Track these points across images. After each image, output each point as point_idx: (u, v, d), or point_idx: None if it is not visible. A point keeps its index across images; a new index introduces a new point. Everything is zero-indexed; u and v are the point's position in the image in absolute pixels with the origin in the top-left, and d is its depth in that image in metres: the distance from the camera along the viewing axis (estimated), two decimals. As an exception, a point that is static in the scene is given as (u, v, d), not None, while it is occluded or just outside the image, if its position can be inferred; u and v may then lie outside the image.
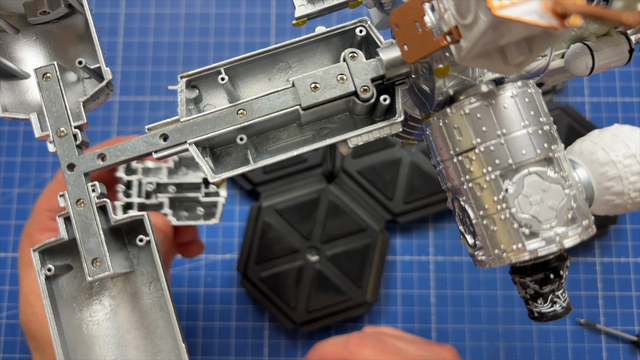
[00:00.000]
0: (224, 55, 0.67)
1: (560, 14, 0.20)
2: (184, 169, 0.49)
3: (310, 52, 0.31)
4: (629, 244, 0.61)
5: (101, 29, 0.65)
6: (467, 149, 0.28)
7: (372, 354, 0.47)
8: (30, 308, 0.43)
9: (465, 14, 0.22)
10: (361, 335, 0.49)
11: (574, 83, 0.66)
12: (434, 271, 0.62)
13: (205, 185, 0.48)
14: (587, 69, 0.33)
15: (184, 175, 0.49)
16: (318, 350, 0.50)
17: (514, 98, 0.27)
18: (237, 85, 0.31)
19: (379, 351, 0.47)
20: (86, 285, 0.31)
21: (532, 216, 0.26)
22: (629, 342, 0.59)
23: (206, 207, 0.49)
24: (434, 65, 0.27)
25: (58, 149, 0.29)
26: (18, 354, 0.61)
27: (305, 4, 0.32)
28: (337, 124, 0.31)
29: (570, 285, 0.61)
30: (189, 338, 0.60)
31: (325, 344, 0.50)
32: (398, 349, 0.49)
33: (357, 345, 0.48)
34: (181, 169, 0.49)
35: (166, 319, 0.30)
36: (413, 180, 0.61)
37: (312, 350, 0.51)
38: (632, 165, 0.29)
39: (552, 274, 0.28)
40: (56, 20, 0.33)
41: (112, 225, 0.29)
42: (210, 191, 0.48)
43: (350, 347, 0.48)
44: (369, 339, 0.49)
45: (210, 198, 0.48)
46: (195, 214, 0.49)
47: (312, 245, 0.60)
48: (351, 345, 0.48)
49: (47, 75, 0.29)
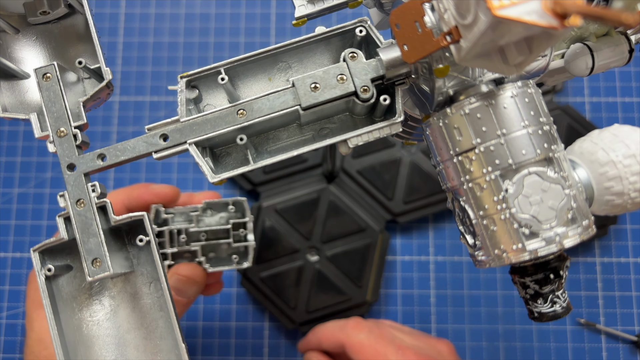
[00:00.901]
0: (224, 55, 0.67)
1: (560, 14, 0.20)
2: (209, 211, 0.51)
3: (310, 52, 0.31)
4: (629, 244, 0.61)
5: (101, 29, 0.65)
6: (467, 149, 0.28)
7: (367, 338, 0.48)
8: (45, 349, 0.42)
9: (465, 14, 0.22)
10: (359, 320, 0.50)
11: (574, 83, 0.66)
12: (434, 271, 0.62)
13: (233, 229, 0.50)
14: (587, 69, 0.33)
15: (211, 217, 0.51)
16: (317, 331, 0.52)
17: (514, 98, 0.27)
18: (237, 85, 0.31)
19: (374, 336, 0.48)
20: (86, 285, 0.31)
21: (532, 216, 0.26)
22: (629, 342, 0.59)
23: (236, 251, 0.51)
24: (434, 65, 0.27)
25: (58, 149, 0.29)
26: (18, 354, 0.61)
27: (305, 4, 0.32)
28: (337, 124, 0.31)
29: (570, 285, 0.61)
30: (189, 338, 0.60)
31: (324, 326, 0.52)
32: (394, 336, 0.49)
33: (354, 328, 0.49)
34: (206, 212, 0.51)
35: (166, 319, 0.30)
36: (413, 180, 0.61)
37: (311, 331, 0.53)
38: (632, 165, 0.29)
39: (552, 274, 0.28)
40: (56, 20, 0.33)
41: (112, 225, 0.29)
42: (239, 233, 0.51)
43: (347, 329, 0.49)
44: (366, 324, 0.50)
45: (241, 243, 0.51)
46: (227, 258, 0.51)
47: (312, 245, 0.60)
48: (348, 328, 0.49)
49: (47, 75, 0.29)
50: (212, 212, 0.51)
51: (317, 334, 0.52)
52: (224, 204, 0.51)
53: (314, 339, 0.52)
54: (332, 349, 0.51)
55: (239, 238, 0.51)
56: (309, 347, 0.53)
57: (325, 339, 0.51)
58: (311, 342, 0.53)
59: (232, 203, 0.51)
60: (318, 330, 0.52)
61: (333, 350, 0.51)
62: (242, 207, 0.51)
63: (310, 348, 0.53)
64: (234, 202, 0.51)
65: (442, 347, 0.51)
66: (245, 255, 0.51)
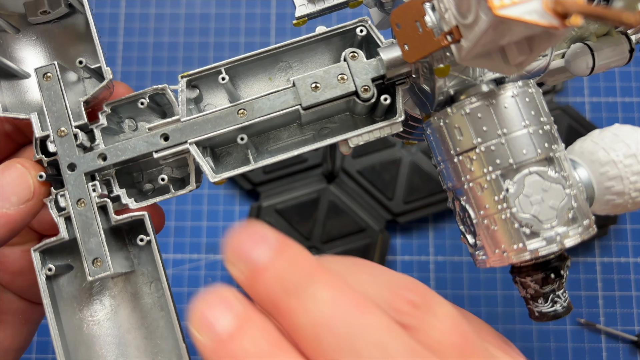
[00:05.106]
0: (224, 55, 0.67)
1: (561, 13, 0.20)
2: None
3: (310, 52, 0.31)
4: (629, 244, 0.61)
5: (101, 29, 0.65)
6: (468, 149, 0.28)
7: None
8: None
9: (466, 14, 0.22)
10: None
11: (574, 83, 0.66)
12: (434, 271, 0.62)
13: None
14: (588, 69, 0.33)
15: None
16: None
17: (515, 98, 0.27)
18: (237, 85, 0.31)
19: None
20: (87, 285, 0.31)
21: (533, 216, 0.26)
22: (629, 342, 0.59)
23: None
24: (435, 65, 0.27)
25: (58, 149, 0.29)
26: (18, 354, 0.61)
27: (305, 4, 0.32)
28: (338, 124, 0.31)
29: (570, 285, 0.61)
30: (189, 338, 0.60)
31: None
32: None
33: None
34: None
35: (167, 319, 0.30)
36: (413, 180, 0.61)
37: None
38: (632, 165, 0.29)
39: (553, 273, 0.28)
40: (56, 20, 0.33)
41: (113, 224, 0.29)
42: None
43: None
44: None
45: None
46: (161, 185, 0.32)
47: (312, 245, 0.60)
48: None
49: (48, 75, 0.29)
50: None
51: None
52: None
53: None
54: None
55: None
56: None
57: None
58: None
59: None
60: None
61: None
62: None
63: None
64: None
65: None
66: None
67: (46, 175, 0.29)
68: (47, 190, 0.30)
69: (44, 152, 0.30)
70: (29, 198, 0.29)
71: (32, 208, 0.29)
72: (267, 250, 0.23)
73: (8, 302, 0.34)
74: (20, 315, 0.34)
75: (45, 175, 0.29)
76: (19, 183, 0.29)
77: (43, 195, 0.30)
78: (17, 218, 0.29)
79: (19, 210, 0.29)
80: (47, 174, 0.29)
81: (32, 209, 0.29)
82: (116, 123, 0.31)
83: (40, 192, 0.30)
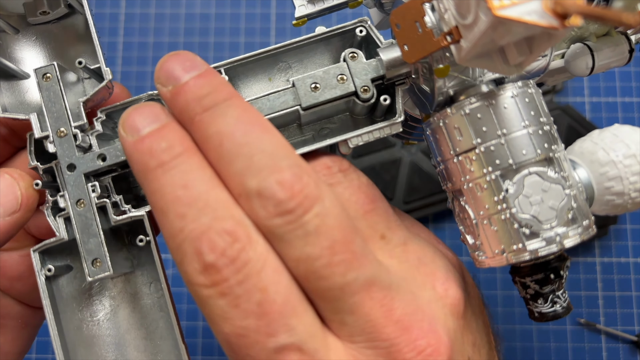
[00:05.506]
0: (224, 55, 0.67)
1: (561, 14, 0.20)
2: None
3: (310, 52, 0.31)
4: (629, 244, 0.61)
5: (101, 29, 0.65)
6: (468, 149, 0.28)
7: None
8: None
9: (465, 14, 0.22)
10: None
11: (574, 83, 0.66)
12: (434, 271, 0.62)
13: None
14: (587, 69, 0.33)
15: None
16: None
17: (514, 98, 0.27)
18: (237, 85, 0.31)
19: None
20: (86, 286, 0.31)
21: (533, 216, 0.26)
22: (629, 342, 0.59)
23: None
24: (434, 65, 0.27)
25: (58, 149, 0.29)
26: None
27: (305, 4, 0.32)
28: (337, 124, 0.31)
29: (570, 285, 0.61)
30: (189, 338, 0.60)
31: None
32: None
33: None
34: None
35: (166, 319, 0.30)
36: (413, 180, 0.61)
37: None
38: (632, 165, 0.29)
39: (553, 274, 0.28)
40: (56, 20, 0.33)
41: (112, 225, 0.29)
42: None
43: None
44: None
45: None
46: None
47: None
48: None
49: (47, 76, 0.29)
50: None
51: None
52: None
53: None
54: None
55: None
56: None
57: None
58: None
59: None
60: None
61: None
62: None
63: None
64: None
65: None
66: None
67: (42, 182, 0.29)
68: (42, 197, 0.30)
69: (39, 158, 0.30)
70: (15, 210, 0.29)
71: (19, 219, 0.29)
72: (192, 72, 0.26)
73: (7, 307, 0.34)
74: (19, 320, 0.34)
75: (41, 182, 0.29)
76: (5, 194, 0.29)
77: (34, 204, 0.30)
78: (1, 230, 0.29)
79: (4, 222, 0.29)
80: (43, 181, 0.29)
81: (18, 220, 0.29)
82: (111, 129, 0.31)
83: (29, 202, 0.29)
